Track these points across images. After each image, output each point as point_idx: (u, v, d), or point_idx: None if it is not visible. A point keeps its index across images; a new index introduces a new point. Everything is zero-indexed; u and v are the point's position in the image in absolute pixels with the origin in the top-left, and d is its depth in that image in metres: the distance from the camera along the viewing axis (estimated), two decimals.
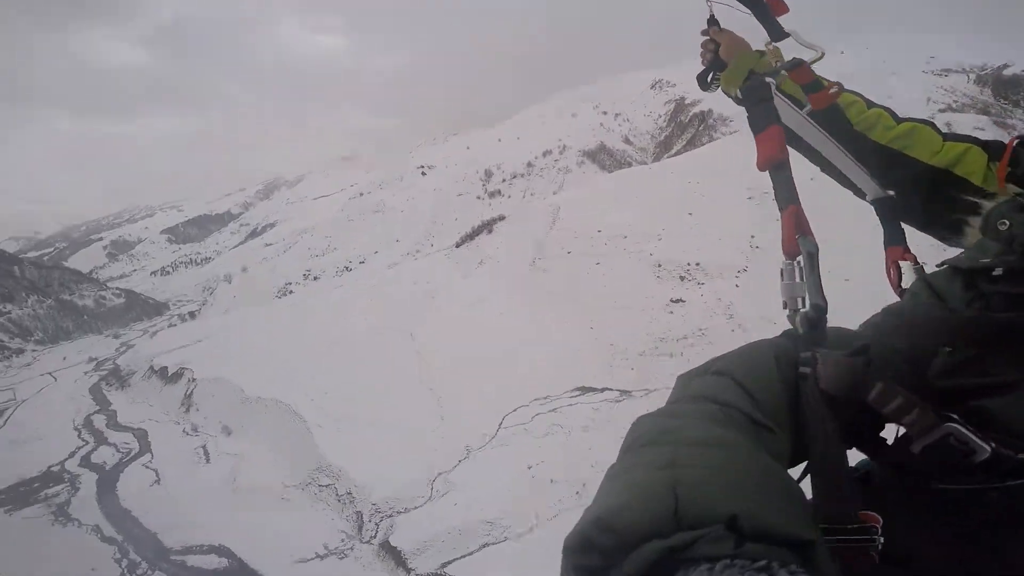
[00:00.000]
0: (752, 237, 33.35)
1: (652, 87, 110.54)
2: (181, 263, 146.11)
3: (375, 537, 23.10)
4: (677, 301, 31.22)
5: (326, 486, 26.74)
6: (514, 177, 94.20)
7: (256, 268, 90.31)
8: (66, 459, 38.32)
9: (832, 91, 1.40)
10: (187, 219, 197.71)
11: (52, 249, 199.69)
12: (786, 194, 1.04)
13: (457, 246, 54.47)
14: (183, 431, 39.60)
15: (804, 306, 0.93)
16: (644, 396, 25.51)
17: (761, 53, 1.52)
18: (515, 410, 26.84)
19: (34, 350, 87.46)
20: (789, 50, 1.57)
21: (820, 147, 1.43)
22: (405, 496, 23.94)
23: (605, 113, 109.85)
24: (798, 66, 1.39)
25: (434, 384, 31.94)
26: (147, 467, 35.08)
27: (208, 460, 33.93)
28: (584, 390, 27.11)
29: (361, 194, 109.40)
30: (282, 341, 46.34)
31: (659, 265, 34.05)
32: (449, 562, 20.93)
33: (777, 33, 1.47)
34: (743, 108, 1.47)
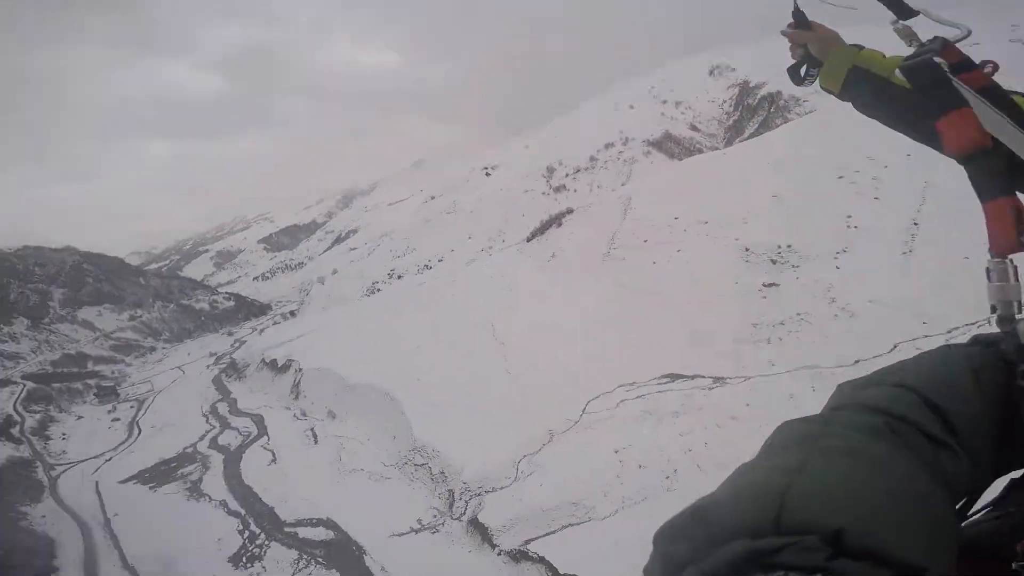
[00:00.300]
0: (849, 217, 31.50)
1: (711, 73, 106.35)
2: (278, 269, 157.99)
3: (464, 514, 23.86)
4: (770, 285, 29.82)
5: (421, 466, 28.11)
6: (577, 171, 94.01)
7: (345, 270, 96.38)
8: (197, 442, 42.46)
9: (986, 70, 1.20)
10: (279, 229, 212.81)
11: (168, 262, 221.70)
12: (994, 183, 0.92)
13: (528, 240, 55.44)
14: (294, 416, 42.73)
15: (1021, 311, 0.82)
16: (742, 382, 24.76)
17: (859, 47, 1.44)
18: (599, 396, 26.73)
19: (163, 348, 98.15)
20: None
21: (997, 131, 1.16)
22: (493, 476, 24.53)
23: (665, 102, 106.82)
24: (944, 47, 1.18)
25: (517, 372, 32.75)
26: (265, 448, 38.15)
27: (316, 442, 36.53)
28: (673, 377, 26.52)
29: (433, 197, 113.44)
30: (375, 334, 48.93)
31: (747, 249, 32.71)
32: (532, 540, 21.31)
33: (903, 11, 1.30)
34: (838, 98, 1.49)
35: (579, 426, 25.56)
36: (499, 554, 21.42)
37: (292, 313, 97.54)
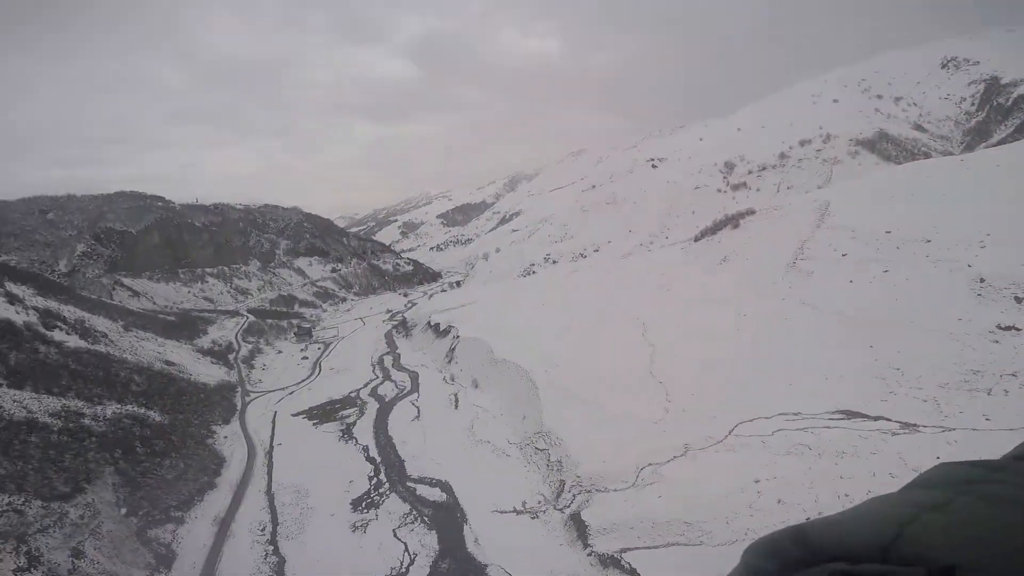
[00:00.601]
0: None
1: (943, 66, 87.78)
2: (451, 242, 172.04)
3: (568, 507, 23.13)
4: (1008, 328, 23.61)
5: (541, 450, 27.71)
6: (763, 169, 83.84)
7: (506, 250, 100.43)
8: (361, 388, 46.84)
9: None
10: (454, 207, 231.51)
11: (365, 226, 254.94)
12: None
13: (695, 240, 51.17)
14: (443, 379, 45.56)
15: None
16: (940, 433, 20.28)
17: None
18: (753, 420, 23.84)
19: (352, 299, 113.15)
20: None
21: None
22: (609, 477, 23.38)
23: (880, 97, 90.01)
24: None
25: (664, 377, 30.53)
26: (413, 404, 40.83)
27: (456, 407, 38.13)
28: (850, 414, 22.69)
29: (593, 186, 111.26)
30: (525, 314, 50.09)
31: (981, 280, 26.23)
32: (629, 549, 19.88)
33: None
34: None
35: (721, 446, 23.09)
36: (590, 554, 20.42)
37: (458, 283, 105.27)
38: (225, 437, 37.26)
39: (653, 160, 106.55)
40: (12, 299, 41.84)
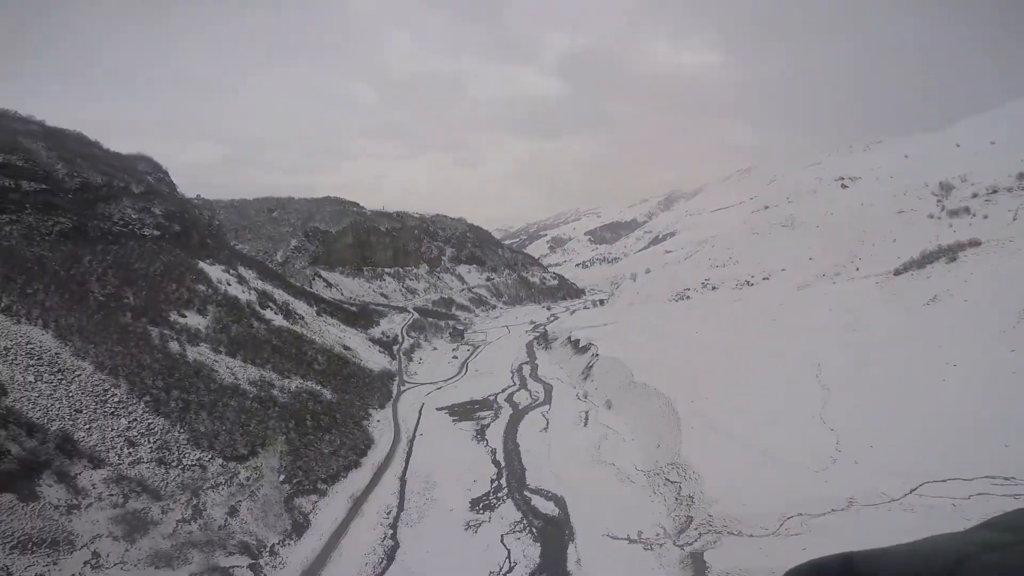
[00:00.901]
0: None
1: None
2: (597, 260, 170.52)
3: (691, 545, 20.99)
4: None
5: (672, 482, 25.53)
6: (993, 192, 67.23)
7: (658, 271, 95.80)
8: (499, 392, 48.18)
9: None
10: (603, 224, 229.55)
11: (517, 239, 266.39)
12: None
13: (896, 274, 42.86)
14: (576, 395, 44.98)
15: None
16: None
17: None
18: (946, 480, 20.09)
19: (501, 307, 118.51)
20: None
21: None
22: (747, 520, 20.74)
23: None
24: None
25: (837, 424, 26.16)
26: (543, 415, 40.80)
27: (585, 424, 37.19)
28: None
29: (766, 207, 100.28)
30: (675, 341, 46.77)
31: None
32: None
33: None
34: None
35: (896, 505, 19.71)
36: None
37: (601, 301, 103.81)
38: (378, 421, 40.68)
39: (843, 179, 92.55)
40: (241, 280, 51.51)
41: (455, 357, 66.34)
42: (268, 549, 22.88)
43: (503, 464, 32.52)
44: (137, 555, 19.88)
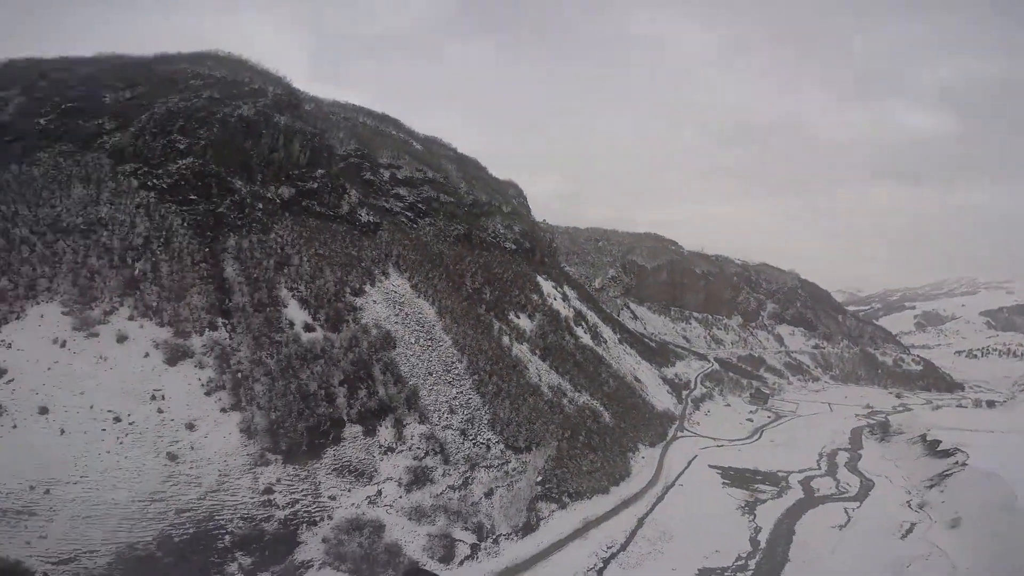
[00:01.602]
0: None
1: None
2: (994, 350, 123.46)
3: None
4: None
5: None
6: None
7: None
8: (793, 472, 41.29)
9: None
10: (1015, 304, 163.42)
11: (868, 307, 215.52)
12: None
13: None
14: (907, 502, 35.61)
15: None
16: None
17: None
18: None
19: (826, 382, 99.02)
20: None
21: None
22: None
23: None
24: None
25: None
26: (847, 511, 33.43)
27: (904, 537, 29.67)
28: None
29: None
30: None
31: None
32: None
33: None
34: None
35: None
36: None
37: (990, 403, 76.05)
38: (643, 457, 40.05)
39: None
40: (565, 297, 58.69)
41: (750, 420, 59.31)
42: (494, 537, 24.57)
43: (761, 546, 27.71)
44: (405, 503, 23.36)
